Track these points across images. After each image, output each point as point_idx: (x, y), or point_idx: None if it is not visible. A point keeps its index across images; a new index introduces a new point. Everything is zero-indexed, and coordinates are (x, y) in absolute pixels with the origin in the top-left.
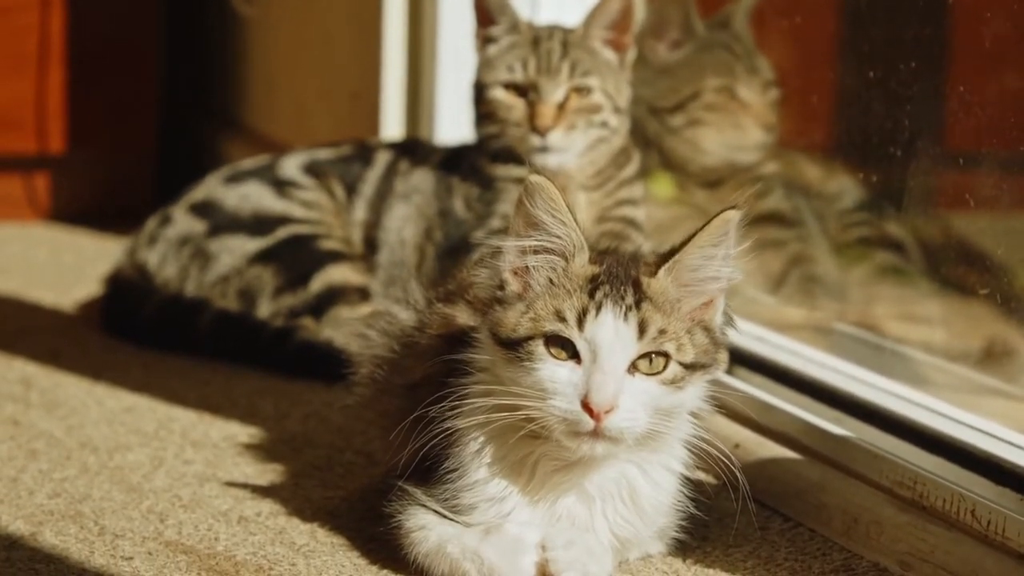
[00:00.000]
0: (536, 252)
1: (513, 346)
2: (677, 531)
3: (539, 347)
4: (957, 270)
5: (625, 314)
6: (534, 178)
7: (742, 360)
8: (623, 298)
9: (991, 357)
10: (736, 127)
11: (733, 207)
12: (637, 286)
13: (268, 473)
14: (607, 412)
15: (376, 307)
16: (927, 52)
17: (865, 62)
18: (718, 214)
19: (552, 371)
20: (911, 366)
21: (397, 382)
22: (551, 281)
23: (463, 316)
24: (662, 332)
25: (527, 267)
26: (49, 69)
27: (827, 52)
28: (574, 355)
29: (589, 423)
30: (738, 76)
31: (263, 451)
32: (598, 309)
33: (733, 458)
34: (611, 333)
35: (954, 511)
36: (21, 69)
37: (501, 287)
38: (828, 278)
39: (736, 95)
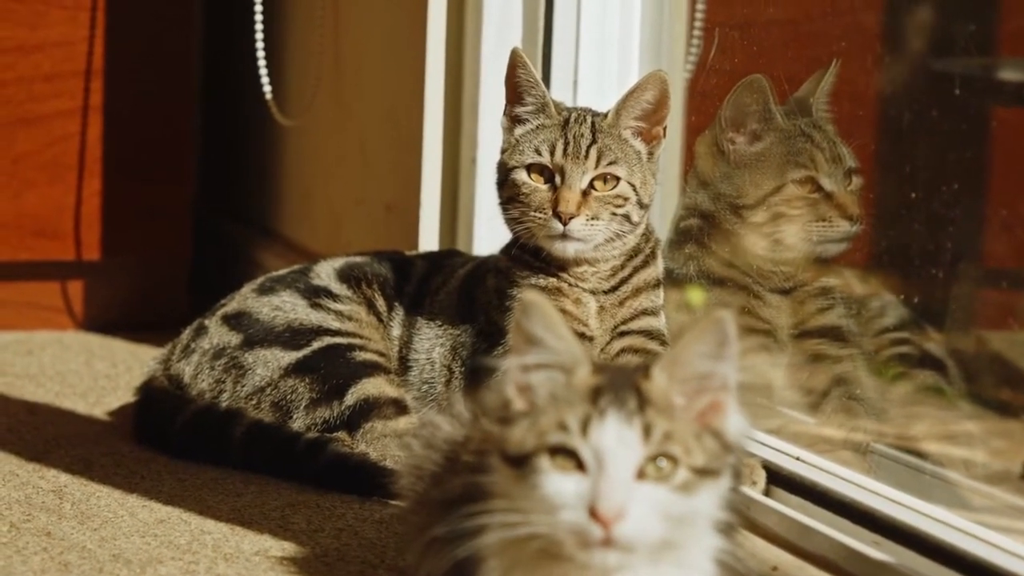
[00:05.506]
0: (537, 368)
1: (520, 463)
2: None
3: (544, 461)
4: (998, 390)
5: (629, 418)
6: (528, 295)
7: (780, 481)
8: (625, 403)
9: None
10: (821, 219)
11: (723, 309)
12: (638, 391)
13: None
14: (616, 520)
15: (420, 418)
16: (969, 174)
17: (906, 183)
18: (709, 315)
19: (558, 484)
20: (950, 488)
21: (436, 496)
22: (554, 396)
23: None
24: (668, 436)
25: (529, 385)
26: (88, 177)
27: (867, 172)
28: (580, 465)
29: (598, 533)
30: (820, 166)
31: (296, 566)
32: (602, 415)
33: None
34: (616, 438)
35: None
36: (62, 177)
37: (506, 406)
38: (868, 397)
39: (820, 186)
